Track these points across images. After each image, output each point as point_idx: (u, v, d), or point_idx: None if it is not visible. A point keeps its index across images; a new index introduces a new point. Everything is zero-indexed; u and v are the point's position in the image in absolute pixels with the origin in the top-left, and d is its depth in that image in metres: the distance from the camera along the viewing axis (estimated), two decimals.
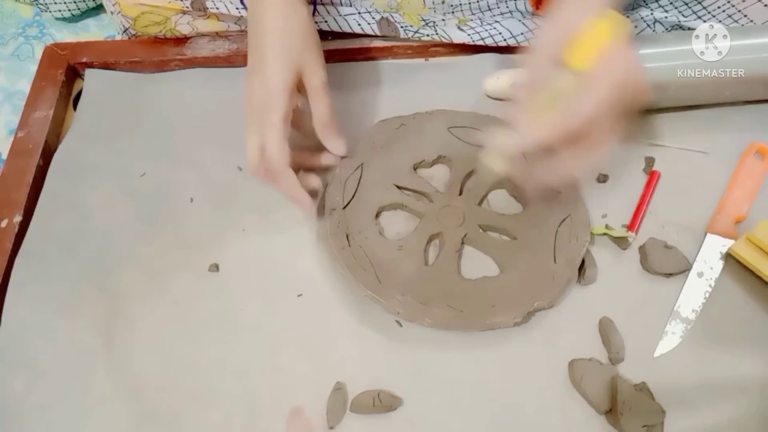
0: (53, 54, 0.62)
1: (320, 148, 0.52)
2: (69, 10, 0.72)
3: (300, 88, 0.49)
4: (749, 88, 0.56)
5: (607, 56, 0.40)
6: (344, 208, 0.50)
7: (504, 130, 0.42)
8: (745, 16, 0.58)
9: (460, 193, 0.53)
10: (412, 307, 0.46)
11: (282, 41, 0.47)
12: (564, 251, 0.49)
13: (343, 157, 0.52)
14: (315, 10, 0.59)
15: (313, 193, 0.51)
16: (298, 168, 0.50)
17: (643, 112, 0.58)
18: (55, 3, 0.70)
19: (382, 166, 0.53)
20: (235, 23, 0.63)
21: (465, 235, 0.50)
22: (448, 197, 0.52)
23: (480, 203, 0.53)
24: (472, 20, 0.61)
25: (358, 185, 0.51)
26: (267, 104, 0.46)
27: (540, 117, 0.40)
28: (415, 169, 0.54)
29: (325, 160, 0.53)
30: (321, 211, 0.51)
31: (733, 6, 0.58)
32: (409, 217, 0.52)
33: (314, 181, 0.52)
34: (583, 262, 0.48)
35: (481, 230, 0.51)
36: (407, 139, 0.55)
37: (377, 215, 0.51)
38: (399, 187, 0.52)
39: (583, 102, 0.39)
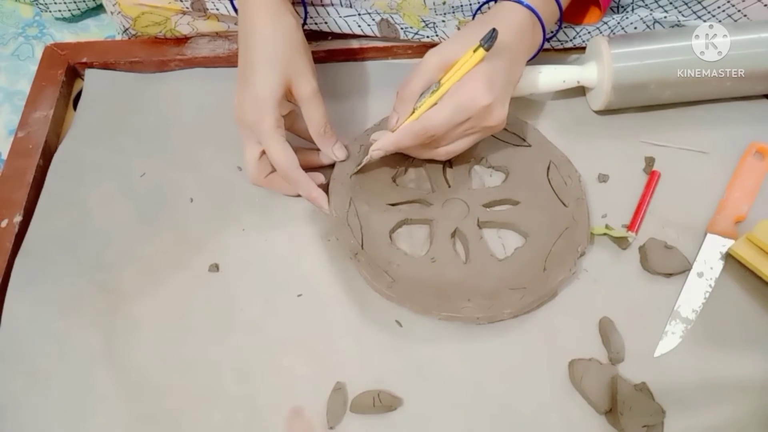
0: (53, 54, 0.62)
1: (318, 148, 0.52)
2: (69, 10, 0.72)
3: (291, 97, 0.49)
4: (749, 84, 0.56)
5: (462, 84, 0.46)
6: (363, 248, 0.48)
7: (384, 132, 0.50)
8: (745, 15, 0.58)
9: (449, 186, 0.53)
10: (485, 307, 0.46)
11: (269, 51, 0.47)
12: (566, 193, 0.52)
13: (342, 160, 0.52)
14: (306, 14, 0.60)
15: (322, 188, 0.51)
16: (304, 167, 0.50)
17: (644, 110, 0.58)
18: (55, 3, 0.70)
19: (368, 192, 0.52)
20: (235, 24, 0.63)
21: (478, 220, 0.51)
22: (442, 193, 0.53)
23: (470, 187, 0.54)
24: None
25: (359, 220, 0.50)
26: (256, 115, 0.47)
27: (401, 128, 0.48)
28: (394, 180, 0.54)
29: (324, 159, 0.53)
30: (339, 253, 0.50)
31: (733, 6, 0.58)
32: (419, 227, 0.52)
33: (319, 178, 0.52)
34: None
35: (487, 209, 0.52)
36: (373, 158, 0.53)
37: (391, 240, 0.51)
38: (393, 205, 0.52)
39: (433, 118, 0.46)
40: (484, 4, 0.58)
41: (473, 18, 0.60)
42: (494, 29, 0.44)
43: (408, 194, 0.53)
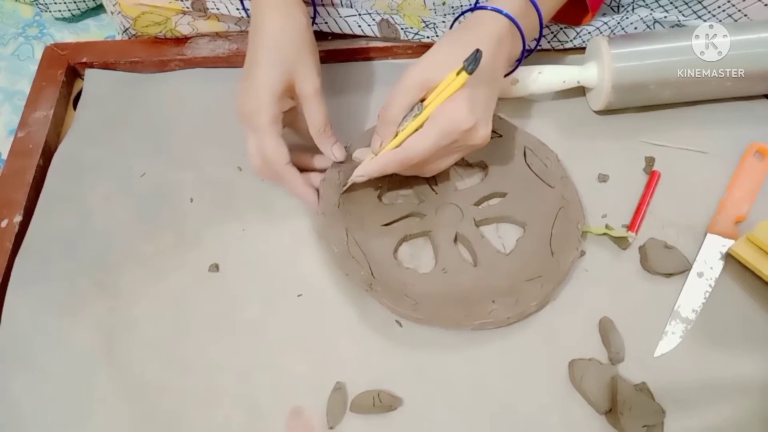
0: (53, 54, 0.62)
1: (316, 150, 0.52)
2: (69, 10, 0.72)
3: (293, 94, 0.49)
4: (749, 84, 0.56)
5: (444, 108, 0.44)
6: (374, 276, 0.47)
7: (368, 154, 0.49)
8: (745, 15, 0.58)
9: (436, 193, 0.53)
10: (511, 305, 0.46)
11: (274, 47, 0.47)
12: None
13: (341, 162, 0.51)
14: (315, 14, 0.60)
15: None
16: (298, 168, 0.50)
17: (644, 110, 0.58)
18: (55, 3, 0.71)
19: (359, 218, 0.51)
20: (235, 24, 0.63)
21: (474, 220, 0.51)
22: (431, 202, 0.52)
23: (456, 188, 0.54)
24: None
25: (361, 249, 0.49)
26: (254, 108, 0.47)
27: (383, 153, 0.47)
28: (380, 199, 0.53)
29: (318, 163, 0.53)
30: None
31: (733, 5, 0.58)
32: (418, 240, 0.52)
33: (315, 179, 0.52)
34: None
35: (478, 207, 0.52)
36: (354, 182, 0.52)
37: (397, 261, 0.50)
38: (387, 225, 0.51)
39: (417, 146, 0.45)
40: (462, 14, 0.57)
41: (451, 27, 0.59)
42: (478, 50, 0.42)
43: (399, 210, 0.52)
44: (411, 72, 0.46)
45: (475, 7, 0.50)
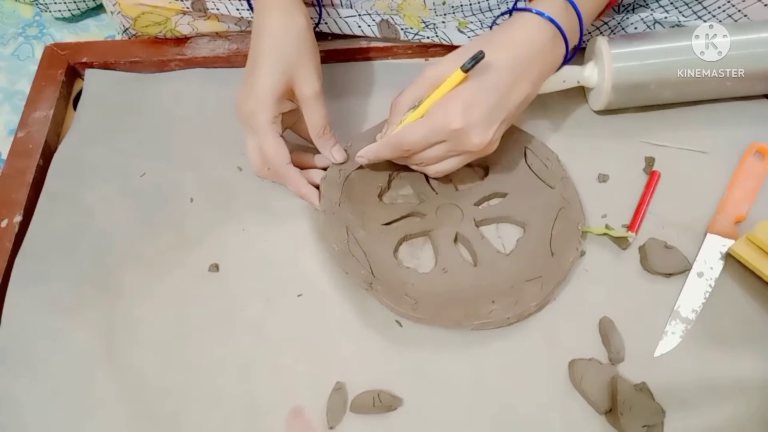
0: (53, 54, 0.62)
1: (317, 150, 0.52)
2: (69, 10, 0.72)
3: (292, 96, 0.49)
4: (749, 84, 0.56)
5: (439, 104, 0.45)
6: (374, 275, 0.47)
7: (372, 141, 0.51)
8: (745, 15, 0.58)
9: (436, 193, 0.53)
10: (511, 305, 0.46)
11: (275, 49, 0.47)
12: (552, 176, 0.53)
13: (342, 162, 0.52)
14: (320, 17, 0.60)
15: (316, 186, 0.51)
16: (298, 167, 0.51)
17: (644, 110, 0.58)
18: (55, 3, 0.71)
19: (359, 217, 0.51)
20: (235, 24, 0.63)
21: (474, 220, 0.51)
22: (431, 201, 0.52)
23: (457, 188, 0.54)
24: (472, 22, 0.61)
25: (361, 248, 0.49)
26: (254, 109, 0.47)
27: (383, 139, 0.48)
28: (381, 198, 0.53)
29: (320, 161, 0.53)
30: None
31: (733, 6, 0.58)
32: (418, 239, 0.52)
33: (316, 176, 0.52)
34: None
35: (479, 207, 0.52)
36: (355, 181, 0.53)
37: (397, 260, 0.50)
38: (387, 224, 0.51)
39: (407, 135, 0.46)
40: (501, 15, 0.56)
41: (491, 28, 0.59)
42: (480, 51, 0.42)
43: (399, 210, 0.52)
44: (429, 67, 0.47)
45: (515, 9, 0.49)
